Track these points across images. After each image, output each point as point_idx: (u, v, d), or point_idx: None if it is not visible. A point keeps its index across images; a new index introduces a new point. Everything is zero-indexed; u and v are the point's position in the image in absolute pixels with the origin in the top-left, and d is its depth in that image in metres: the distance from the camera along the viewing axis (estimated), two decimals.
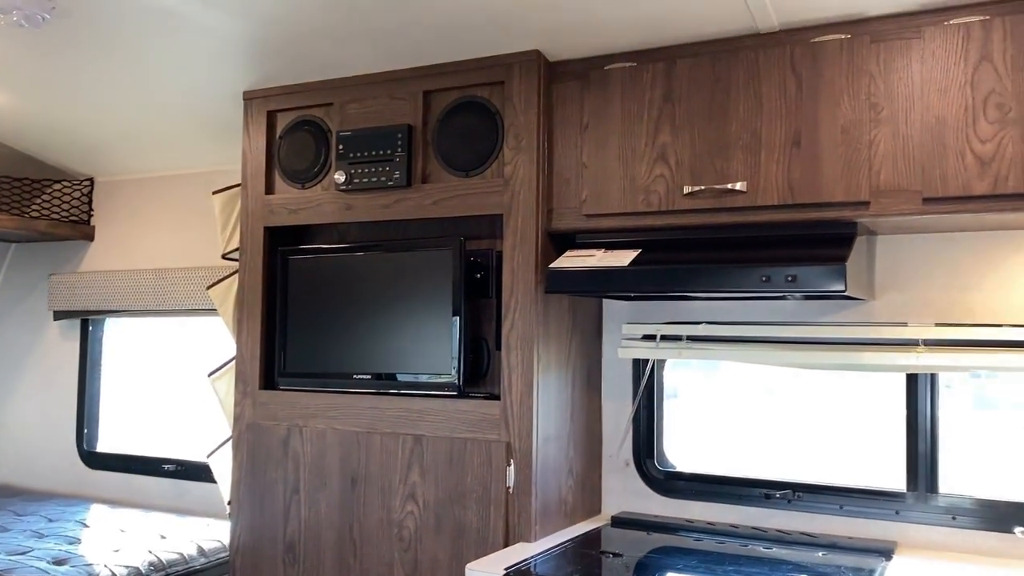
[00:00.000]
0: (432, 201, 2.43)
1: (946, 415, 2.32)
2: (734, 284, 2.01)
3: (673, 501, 2.55)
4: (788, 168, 2.05)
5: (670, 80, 2.19)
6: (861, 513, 2.31)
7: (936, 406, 2.29)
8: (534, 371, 2.28)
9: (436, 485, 2.37)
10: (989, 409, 2.76)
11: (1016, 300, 2.17)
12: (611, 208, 2.25)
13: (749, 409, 2.86)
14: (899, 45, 1.96)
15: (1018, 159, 1.83)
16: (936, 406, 2.29)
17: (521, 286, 2.29)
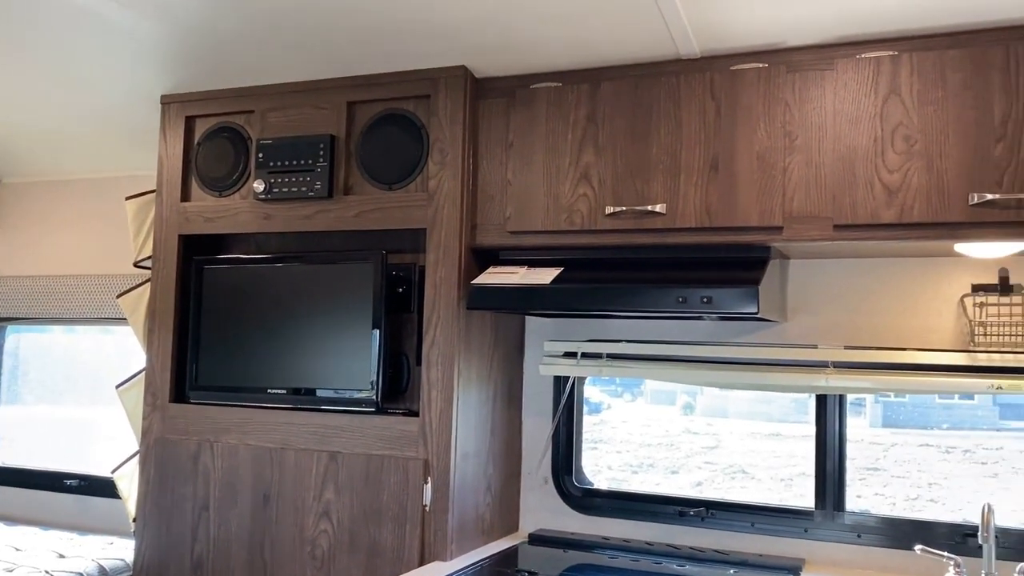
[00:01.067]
0: (354, 213, 2.40)
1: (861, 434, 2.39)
2: (652, 304, 2.04)
3: (590, 518, 2.56)
4: (706, 192, 2.09)
5: (594, 101, 2.21)
6: (771, 531, 2.36)
7: (844, 426, 2.36)
8: (454, 387, 2.26)
9: (351, 503, 2.33)
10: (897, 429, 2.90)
11: (919, 324, 2.26)
12: (535, 226, 2.26)
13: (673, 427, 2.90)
14: (814, 76, 2.03)
15: (923, 190, 1.91)
16: (844, 426, 2.36)
17: (443, 301, 2.28)
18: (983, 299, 2.19)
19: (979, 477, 7.87)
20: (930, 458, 8.59)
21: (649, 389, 12.01)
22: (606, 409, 11.64)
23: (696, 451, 9.45)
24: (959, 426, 9.34)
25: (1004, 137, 1.86)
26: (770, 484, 8.13)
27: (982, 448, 8.80)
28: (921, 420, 9.38)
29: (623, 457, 9.25)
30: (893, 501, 7.16)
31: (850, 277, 2.33)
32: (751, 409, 10.29)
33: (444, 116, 2.31)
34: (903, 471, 8.16)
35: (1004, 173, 1.86)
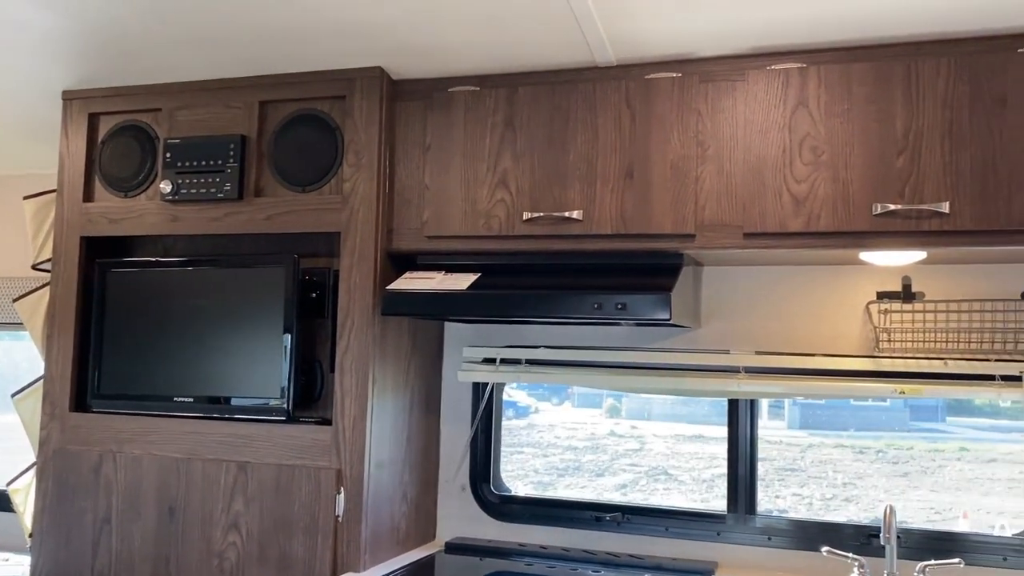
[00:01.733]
0: (265, 216, 2.33)
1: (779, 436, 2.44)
2: (568, 311, 2.04)
3: (508, 525, 2.55)
4: (621, 199, 2.10)
5: (512, 106, 2.20)
6: (685, 535, 2.39)
7: (755, 431, 2.41)
8: (369, 395, 2.22)
9: (261, 514, 2.26)
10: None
11: (827, 331, 2.31)
12: (452, 231, 2.24)
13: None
14: (726, 86, 2.06)
15: (829, 200, 1.96)
16: (755, 431, 2.41)
17: (358, 307, 2.23)
18: (887, 306, 2.26)
19: (891, 476, 8.16)
20: (845, 459, 8.87)
21: (576, 392, 12.09)
22: (533, 413, 11.67)
23: (621, 453, 9.56)
24: (872, 427, 9.67)
25: (906, 149, 1.92)
26: (692, 485, 8.27)
27: (893, 448, 9.13)
28: (837, 422, 9.69)
29: (549, 460, 9.29)
30: (810, 501, 7.36)
31: (761, 284, 2.37)
32: (674, 411, 10.46)
33: (360, 117, 2.26)
34: (820, 471, 8.41)
35: (906, 184, 1.91)
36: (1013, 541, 2.16)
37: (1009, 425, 9.83)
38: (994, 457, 8.73)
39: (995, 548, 2.17)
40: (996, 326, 2.17)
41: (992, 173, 1.85)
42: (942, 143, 1.89)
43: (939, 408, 10.31)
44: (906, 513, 7.07)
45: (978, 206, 1.86)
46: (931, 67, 1.90)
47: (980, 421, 9.86)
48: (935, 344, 2.20)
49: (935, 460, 8.74)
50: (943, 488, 7.89)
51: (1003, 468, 8.30)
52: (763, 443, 7.56)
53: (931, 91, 1.90)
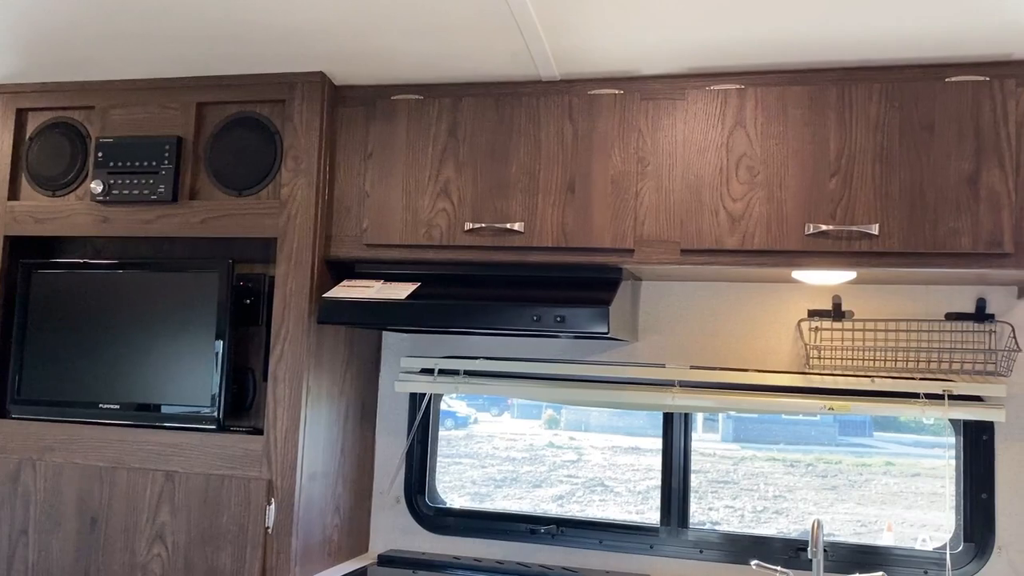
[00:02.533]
0: (200, 219, 2.28)
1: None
2: (507, 323, 2.03)
3: (442, 538, 2.53)
4: (563, 212, 2.11)
5: (455, 116, 2.20)
6: (619, 547, 2.40)
7: (689, 445, 2.43)
8: (302, 404, 2.18)
9: (188, 526, 2.20)
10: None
11: (760, 346, 2.36)
12: (392, 239, 2.22)
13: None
14: (666, 104, 2.09)
15: (763, 219, 2.00)
16: (689, 445, 2.43)
17: (293, 314, 2.20)
18: (818, 324, 2.31)
19: (820, 490, 8.35)
20: (776, 472, 9.06)
21: (515, 403, 12.08)
22: (472, 423, 11.61)
23: (559, 464, 9.59)
24: (802, 442, 9.90)
25: (838, 172, 1.97)
26: (628, 497, 8.34)
27: (823, 463, 9.36)
28: (769, 436, 9.89)
29: (487, 471, 9.27)
30: (742, 513, 7.49)
31: (698, 300, 2.41)
32: (612, 423, 10.55)
33: (300, 122, 2.23)
34: (752, 484, 8.57)
35: (837, 206, 1.96)
36: (933, 555, 2.23)
37: (932, 441, 10.18)
38: (918, 472, 9.02)
39: (917, 562, 2.23)
40: (921, 346, 2.24)
41: (920, 197, 1.92)
42: (873, 167, 1.95)
43: (867, 424, 10.61)
44: (834, 525, 7.25)
45: (906, 229, 1.92)
46: (864, 92, 1.96)
47: (905, 437, 10.18)
48: (863, 362, 2.26)
49: (862, 474, 8.99)
50: (869, 501, 8.12)
51: (926, 482, 8.57)
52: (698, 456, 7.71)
53: (863, 116, 1.96)
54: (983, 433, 2.21)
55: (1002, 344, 2.19)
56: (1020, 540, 2.17)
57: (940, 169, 1.91)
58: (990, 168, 1.89)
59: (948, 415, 2.18)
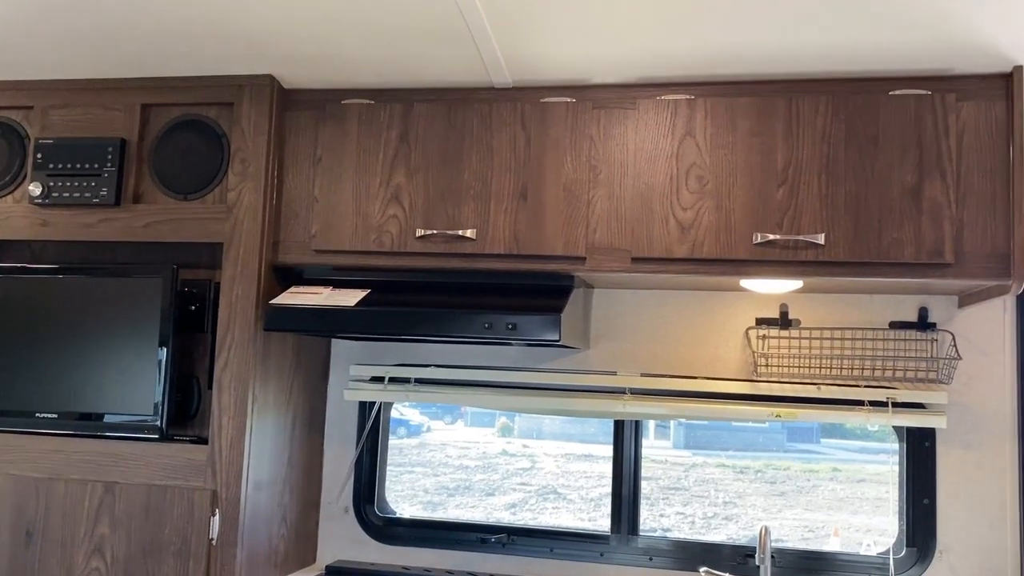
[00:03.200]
0: (144, 224, 2.23)
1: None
2: (459, 330, 2.02)
3: (391, 548, 2.50)
4: (515, 220, 2.11)
5: (407, 122, 2.18)
6: (569, 555, 2.40)
7: (639, 452, 2.44)
8: (248, 413, 2.13)
9: (128, 538, 2.14)
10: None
11: (710, 354, 2.38)
12: (342, 245, 2.19)
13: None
14: (618, 113, 2.10)
15: (712, 227, 2.01)
16: (639, 452, 2.44)
17: (239, 321, 2.15)
18: (765, 332, 2.34)
19: (769, 496, 8.46)
20: (726, 478, 9.15)
21: (468, 410, 12.03)
22: (425, 431, 11.55)
23: (512, 472, 9.58)
24: (752, 448, 10.02)
25: (785, 182, 2.00)
26: (581, 504, 8.35)
27: (771, 468, 9.49)
28: (719, 442, 9.99)
29: (440, 480, 9.22)
30: (692, 519, 7.55)
31: (649, 307, 2.42)
32: (565, 430, 10.56)
33: (247, 125, 2.19)
34: (702, 490, 8.64)
35: (784, 216, 1.99)
36: (876, 560, 2.26)
37: (877, 447, 10.38)
38: (863, 477, 9.19)
39: (861, 567, 2.27)
40: (866, 354, 2.28)
41: (864, 208, 1.95)
42: (819, 177, 1.98)
43: (814, 430, 10.77)
44: (782, 531, 7.35)
45: (851, 239, 1.95)
46: (811, 104, 1.99)
47: (851, 443, 10.36)
48: (809, 370, 2.30)
49: (810, 480, 9.12)
50: (816, 507, 8.24)
51: (871, 488, 8.74)
52: (649, 462, 7.74)
53: (810, 127, 1.99)
54: (925, 440, 2.26)
55: (943, 352, 2.24)
56: (960, 544, 2.22)
57: (884, 180, 1.95)
58: (932, 180, 1.93)
59: (892, 422, 2.22)
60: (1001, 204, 1.92)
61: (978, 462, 2.23)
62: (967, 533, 2.22)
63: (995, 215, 1.91)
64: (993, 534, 2.20)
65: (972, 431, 2.24)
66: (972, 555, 2.21)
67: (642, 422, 2.46)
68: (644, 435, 2.46)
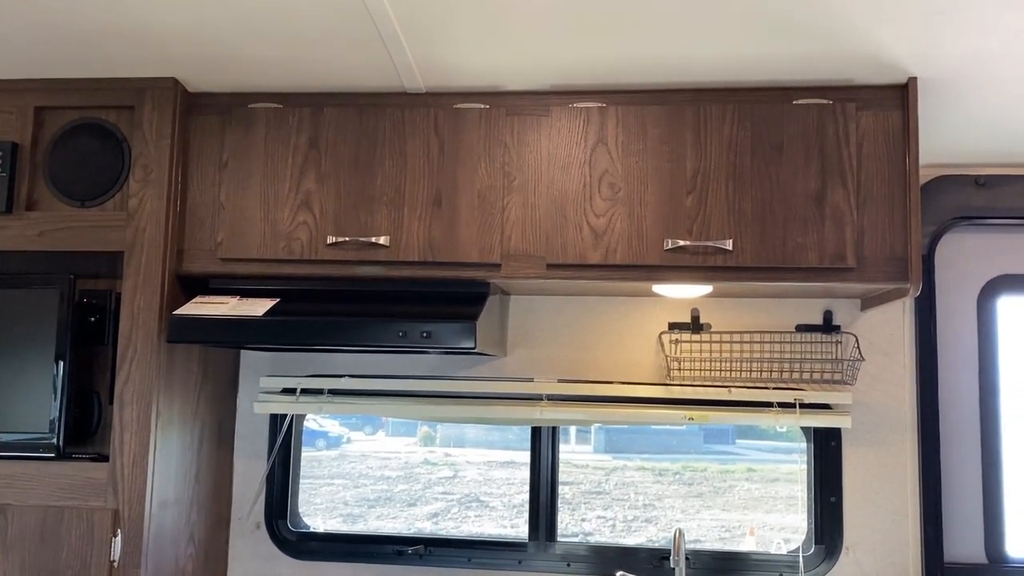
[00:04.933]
0: (38, 232, 2.12)
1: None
2: (372, 339, 1.98)
3: (306, 563, 2.44)
4: (429, 226, 2.09)
5: (317, 126, 2.13)
6: (488, 564, 2.38)
7: (556, 458, 2.44)
8: (152, 428, 2.05)
9: (22, 565, 2.02)
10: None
11: (625, 359, 2.40)
12: (250, 253, 2.12)
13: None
14: (531, 120, 2.10)
15: (625, 234, 2.03)
16: (556, 458, 2.44)
17: (141, 333, 2.07)
18: (678, 336, 2.37)
19: (687, 497, 8.62)
20: (646, 481, 9.29)
21: (390, 421, 11.89)
22: (345, 443, 11.35)
23: (435, 481, 9.51)
24: (670, 451, 10.20)
25: (694, 190, 2.03)
26: (503, 511, 8.34)
27: (689, 470, 9.68)
28: (638, 445, 10.14)
29: (361, 491, 9.07)
30: (613, 523, 7.63)
31: (565, 314, 2.43)
32: (488, 438, 10.55)
33: (149, 130, 2.11)
34: (623, 494, 8.75)
35: (694, 223, 2.02)
36: (786, 558, 2.32)
37: (789, 447, 10.72)
38: (777, 477, 9.46)
39: (773, 565, 2.32)
40: (774, 356, 2.33)
41: (770, 214, 2.00)
42: (727, 184, 2.02)
43: (730, 432, 11.04)
44: (700, 532, 7.49)
45: (757, 244, 2.00)
46: (718, 113, 2.03)
47: (765, 444, 10.67)
48: (720, 373, 2.34)
49: (726, 481, 9.34)
50: (733, 507, 8.44)
51: (784, 487, 9.00)
52: (571, 467, 7.77)
53: (718, 135, 2.03)
54: (831, 439, 2.33)
55: (847, 354, 2.31)
56: (866, 540, 2.29)
57: (789, 187, 2.00)
58: (834, 187, 1.99)
59: (799, 423, 2.28)
60: (899, 210, 1.99)
61: (881, 460, 2.31)
62: (872, 529, 2.29)
63: (893, 221, 1.99)
64: (896, 529, 2.28)
65: (875, 430, 2.32)
66: (876, 550, 2.28)
67: (559, 428, 2.46)
68: (565, 440, 2.47)
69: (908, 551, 2.27)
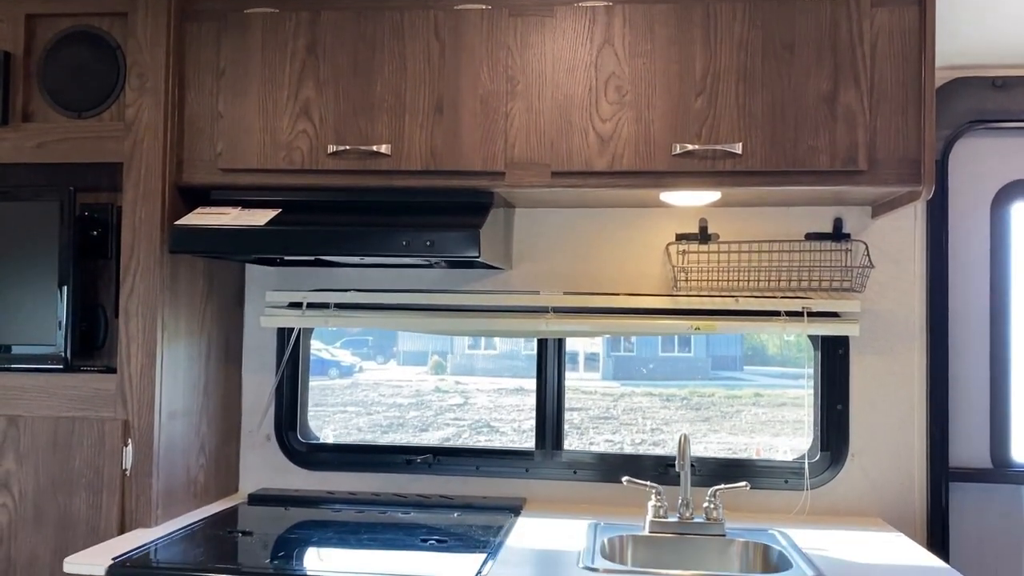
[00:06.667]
0: (35, 144, 2.09)
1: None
2: (375, 248, 1.96)
3: (316, 474, 2.47)
4: (431, 134, 2.04)
5: (314, 31, 2.07)
6: (495, 473, 2.41)
7: (562, 371, 2.45)
8: (158, 340, 2.05)
9: (36, 472, 2.05)
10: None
11: (632, 271, 2.38)
12: (249, 163, 2.09)
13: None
14: (535, 21, 2.03)
15: (632, 139, 1.99)
16: (562, 371, 2.45)
17: (144, 245, 2.05)
18: (685, 247, 2.35)
19: (694, 422, 8.72)
20: (653, 406, 9.39)
21: (401, 350, 11.98)
22: (358, 372, 11.47)
23: (446, 408, 9.64)
24: (678, 377, 10.28)
25: (704, 92, 1.98)
26: (513, 436, 8.47)
27: (697, 396, 9.77)
28: (647, 372, 10.22)
29: (373, 418, 9.21)
30: (621, 446, 7.74)
31: (570, 226, 2.40)
32: (497, 366, 10.64)
33: (144, 38, 2.06)
34: (630, 419, 8.85)
35: (703, 126, 1.97)
36: (793, 465, 2.33)
37: (796, 372, 10.78)
38: (784, 402, 9.53)
39: (778, 472, 2.33)
40: (783, 265, 2.31)
41: (780, 116, 1.95)
42: (737, 86, 1.96)
43: (738, 358, 11.10)
44: (707, 454, 7.62)
45: (768, 148, 1.95)
46: (728, 11, 1.97)
47: (773, 369, 10.73)
48: (728, 283, 2.32)
49: (733, 406, 9.43)
50: (740, 430, 8.54)
51: (791, 411, 9.08)
52: (580, 393, 7.86)
53: (728, 35, 1.97)
54: (839, 347, 2.32)
55: (857, 262, 2.28)
56: (871, 447, 2.30)
57: (800, 88, 1.95)
58: (847, 87, 1.94)
59: (807, 331, 2.27)
60: (913, 111, 1.94)
61: (889, 368, 2.30)
62: (878, 436, 2.30)
63: (907, 121, 1.93)
64: (902, 435, 2.29)
65: (883, 338, 2.30)
66: (883, 457, 2.29)
67: (565, 347, 2.46)
68: (573, 368, 2.47)
69: (913, 457, 2.28)
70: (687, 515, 2.10)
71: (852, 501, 2.29)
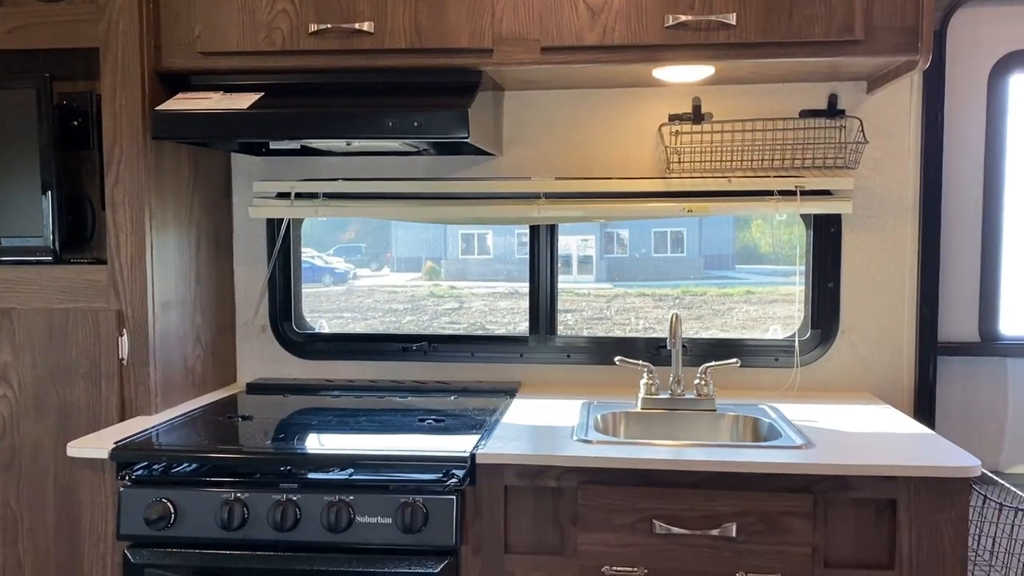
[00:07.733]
0: (7, 29, 2.02)
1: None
2: (361, 130, 1.93)
3: (313, 363, 2.49)
4: (415, 9, 1.98)
5: None
6: (490, 358, 2.43)
7: (555, 257, 2.44)
8: (146, 230, 2.03)
9: (34, 363, 2.07)
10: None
11: (624, 154, 2.35)
12: (229, 46, 2.03)
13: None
14: None
15: (623, 11, 1.92)
16: (555, 257, 2.44)
17: (126, 134, 2.01)
18: (678, 128, 2.31)
19: (687, 319, 8.80)
20: (646, 306, 9.45)
21: (395, 257, 11.98)
22: (352, 279, 11.52)
23: (441, 313, 9.69)
24: (671, 277, 10.30)
25: None
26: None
27: (689, 295, 9.82)
28: (639, 273, 10.24)
29: (370, 323, 9.28)
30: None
31: (561, 109, 2.36)
32: (492, 270, 10.66)
33: None
34: (624, 319, 8.91)
35: None
36: (783, 343, 2.36)
37: (788, 270, 10.86)
38: (775, 299, 9.59)
39: (769, 350, 2.36)
40: (776, 144, 2.28)
41: None
42: None
43: (730, 257, 11.12)
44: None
45: (762, 18, 1.90)
46: None
47: (764, 267, 10.75)
48: (722, 164, 2.29)
49: (725, 303, 9.49)
50: (731, 327, 8.61)
51: (782, 308, 9.15)
52: (573, 296, 7.91)
53: None
54: (831, 225, 2.32)
55: (851, 138, 2.25)
56: (861, 323, 2.32)
57: None
58: None
59: (800, 210, 2.26)
60: None
61: (881, 244, 2.30)
62: (868, 313, 2.32)
63: None
64: (892, 312, 2.31)
65: (876, 215, 2.30)
66: (872, 333, 2.32)
67: (558, 235, 2.44)
68: (567, 271, 2.46)
69: (903, 332, 2.31)
70: (678, 392, 2.13)
71: (842, 377, 2.33)
